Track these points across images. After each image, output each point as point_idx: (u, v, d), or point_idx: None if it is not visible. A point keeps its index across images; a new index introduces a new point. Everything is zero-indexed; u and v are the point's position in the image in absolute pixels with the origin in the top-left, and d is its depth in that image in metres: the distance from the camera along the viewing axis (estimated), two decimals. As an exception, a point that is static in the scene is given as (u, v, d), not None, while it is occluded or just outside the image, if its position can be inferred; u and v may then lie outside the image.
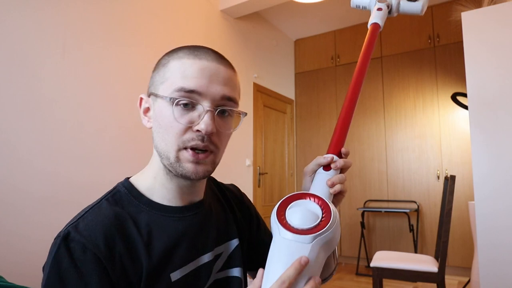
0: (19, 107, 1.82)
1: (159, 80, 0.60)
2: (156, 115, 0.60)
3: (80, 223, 0.55)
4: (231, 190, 0.80)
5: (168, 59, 0.60)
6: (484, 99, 1.92)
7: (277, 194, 4.09)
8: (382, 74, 4.01)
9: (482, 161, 1.88)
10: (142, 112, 0.64)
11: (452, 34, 3.62)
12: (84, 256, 0.51)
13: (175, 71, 0.58)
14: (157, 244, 0.58)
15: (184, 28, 2.92)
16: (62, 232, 0.54)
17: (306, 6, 3.72)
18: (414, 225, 3.63)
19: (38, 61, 1.91)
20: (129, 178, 0.65)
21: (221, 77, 0.59)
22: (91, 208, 0.58)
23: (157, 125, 0.60)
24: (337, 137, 0.65)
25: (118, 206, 0.59)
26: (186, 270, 0.60)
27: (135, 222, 0.58)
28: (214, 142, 0.59)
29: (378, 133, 3.96)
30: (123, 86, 2.35)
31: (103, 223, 0.55)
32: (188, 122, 0.57)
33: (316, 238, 0.48)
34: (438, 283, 2.10)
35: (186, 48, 0.61)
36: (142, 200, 0.61)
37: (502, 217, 1.80)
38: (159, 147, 0.60)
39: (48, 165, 1.91)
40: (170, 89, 0.57)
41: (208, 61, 0.58)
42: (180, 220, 0.62)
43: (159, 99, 0.59)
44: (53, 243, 0.54)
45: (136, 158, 2.37)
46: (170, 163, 0.58)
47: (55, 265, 0.51)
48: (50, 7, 1.98)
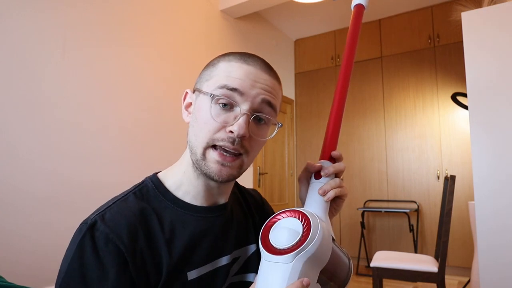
0: (19, 107, 1.82)
1: (205, 78, 0.61)
2: (196, 110, 0.61)
3: (107, 213, 0.56)
4: (252, 195, 0.81)
5: (218, 59, 0.62)
6: (484, 99, 1.92)
7: (277, 194, 4.09)
8: (382, 74, 4.01)
9: (482, 161, 1.88)
10: (184, 107, 0.65)
11: (452, 34, 3.62)
12: (107, 247, 0.52)
13: (222, 70, 0.59)
14: (178, 242, 0.58)
15: (184, 28, 2.92)
16: (90, 220, 0.55)
17: (306, 6, 3.72)
18: (414, 225, 3.63)
19: (38, 61, 1.91)
20: (157, 173, 0.66)
21: (265, 84, 0.60)
22: (118, 199, 0.59)
23: (193, 120, 0.61)
24: (328, 140, 0.64)
25: (144, 201, 0.60)
26: (203, 270, 0.60)
27: (159, 218, 0.59)
28: (245, 147, 0.58)
29: (378, 133, 3.96)
30: (123, 86, 2.35)
31: (128, 216, 0.56)
32: (223, 121, 0.57)
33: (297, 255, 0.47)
34: (438, 283, 2.10)
35: (238, 53, 0.62)
36: (168, 196, 0.62)
37: (502, 217, 1.80)
38: (190, 142, 0.61)
39: (48, 165, 1.91)
40: (214, 86, 0.58)
41: (255, 68, 0.59)
42: (203, 220, 0.62)
43: (201, 95, 0.60)
44: (79, 229, 0.55)
45: (136, 158, 2.38)
46: (196, 159, 0.59)
47: (79, 252, 0.52)
48: (50, 7, 1.98)
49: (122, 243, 0.53)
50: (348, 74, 0.68)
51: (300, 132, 4.49)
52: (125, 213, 0.56)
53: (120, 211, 0.56)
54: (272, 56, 4.19)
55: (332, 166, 0.60)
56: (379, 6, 3.84)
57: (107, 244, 0.52)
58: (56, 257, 1.95)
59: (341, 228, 4.07)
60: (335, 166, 0.60)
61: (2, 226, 1.69)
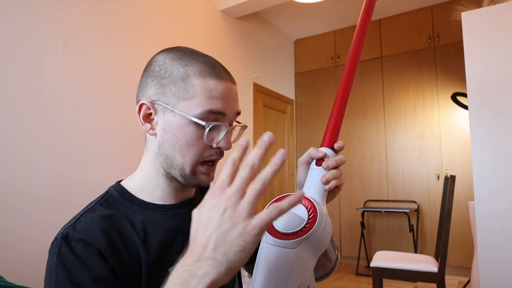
0: (19, 107, 1.82)
1: (179, 96, 0.59)
2: (172, 128, 0.60)
3: (77, 225, 0.56)
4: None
5: (185, 72, 0.59)
6: (484, 99, 1.92)
7: (277, 194, 4.06)
8: (382, 74, 4.01)
9: (482, 161, 1.88)
10: (141, 118, 0.64)
11: (452, 34, 3.62)
12: (87, 250, 0.52)
13: (200, 91, 0.58)
14: (154, 240, 0.59)
15: (184, 28, 2.92)
16: (60, 234, 0.55)
17: (306, 6, 3.72)
18: (414, 225, 3.63)
19: (38, 61, 1.91)
20: (120, 182, 0.67)
21: (236, 98, 0.63)
22: (85, 211, 0.60)
23: (171, 138, 0.60)
24: (331, 128, 0.65)
25: (111, 209, 0.60)
26: None
27: (130, 221, 0.59)
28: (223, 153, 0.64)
29: (378, 133, 3.96)
30: (123, 86, 2.35)
31: (99, 223, 0.56)
32: (210, 140, 0.60)
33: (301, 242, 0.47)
34: (438, 283, 2.10)
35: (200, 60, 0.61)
36: (135, 201, 0.63)
37: (502, 217, 1.80)
38: (172, 158, 0.61)
39: (48, 165, 1.91)
40: (197, 109, 0.58)
41: (227, 82, 0.61)
42: (174, 217, 0.64)
43: (178, 115, 0.59)
44: (52, 246, 0.55)
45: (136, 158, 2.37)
46: (184, 174, 0.61)
47: (60, 264, 0.52)
48: (50, 7, 1.98)
49: (100, 245, 0.53)
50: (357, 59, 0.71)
51: (300, 132, 4.49)
52: (95, 221, 0.57)
53: (90, 220, 0.57)
54: (272, 56, 4.19)
55: (334, 159, 0.61)
56: (379, 6, 3.84)
57: (87, 247, 0.52)
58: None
59: (341, 228, 4.07)
60: (337, 159, 0.61)
61: (2, 226, 1.69)
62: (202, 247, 0.41)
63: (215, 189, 0.43)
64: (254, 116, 3.74)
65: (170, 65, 0.61)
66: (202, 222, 0.42)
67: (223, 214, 0.40)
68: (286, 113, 4.40)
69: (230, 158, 0.43)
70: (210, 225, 0.41)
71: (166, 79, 0.60)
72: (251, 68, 3.77)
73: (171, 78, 0.60)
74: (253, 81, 3.79)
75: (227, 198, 0.41)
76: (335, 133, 0.65)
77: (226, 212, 0.40)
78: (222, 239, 0.40)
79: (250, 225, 0.39)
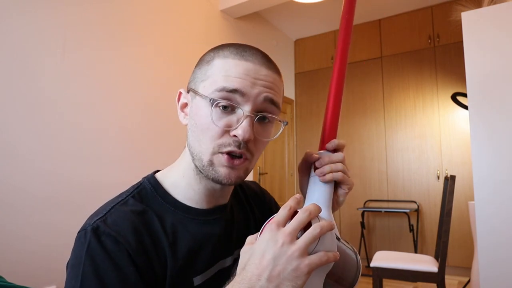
0: (19, 108, 1.82)
1: (200, 77, 0.57)
2: (193, 113, 0.57)
3: (108, 217, 0.53)
4: (252, 189, 0.78)
5: (212, 55, 0.57)
6: (484, 99, 1.91)
7: (277, 194, 4.09)
8: (382, 74, 4.01)
9: (482, 161, 1.88)
10: (179, 108, 0.62)
11: (452, 34, 3.62)
12: (118, 247, 0.50)
13: (218, 69, 0.55)
14: (182, 245, 0.57)
15: (184, 28, 2.92)
16: (90, 226, 0.52)
17: (306, 6, 3.71)
18: (414, 225, 3.63)
19: (38, 61, 1.91)
20: (155, 173, 0.64)
21: (266, 80, 0.56)
22: (117, 203, 0.57)
23: (193, 124, 0.57)
24: (327, 128, 0.61)
25: (143, 204, 0.57)
26: (208, 274, 0.59)
27: (161, 221, 0.57)
28: (250, 149, 0.56)
29: (378, 133, 3.96)
30: (123, 86, 2.35)
31: (130, 219, 0.54)
32: (226, 125, 0.54)
33: None
34: (438, 283, 2.10)
35: (233, 46, 0.58)
36: (168, 199, 0.60)
37: (502, 217, 1.80)
38: (192, 147, 0.58)
39: (48, 165, 1.91)
40: (211, 88, 0.54)
41: (254, 64, 0.55)
42: (205, 224, 0.61)
43: (198, 97, 0.56)
44: (81, 237, 0.52)
45: (137, 158, 2.38)
46: (202, 165, 0.56)
47: (89, 259, 0.49)
48: (50, 7, 1.98)
49: (129, 245, 0.51)
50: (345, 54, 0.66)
51: (300, 132, 4.49)
52: (127, 216, 0.54)
53: (121, 215, 0.54)
54: (272, 56, 4.11)
55: (327, 156, 0.58)
56: (379, 6, 3.84)
57: (118, 245, 0.50)
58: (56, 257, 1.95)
59: (341, 228, 4.06)
60: (331, 155, 0.58)
61: (2, 226, 1.69)
62: (256, 276, 0.42)
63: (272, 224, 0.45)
64: (254, 116, 3.74)
65: (206, 54, 0.60)
66: (257, 251, 0.44)
67: (280, 248, 0.42)
68: (286, 113, 4.40)
69: (287, 204, 0.47)
70: (266, 256, 0.43)
71: (197, 67, 0.60)
72: (251, 68, 3.77)
73: (200, 64, 0.59)
74: (253, 81, 3.78)
75: (285, 235, 0.43)
76: (332, 133, 0.61)
77: (283, 247, 0.43)
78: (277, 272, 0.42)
79: (303, 264, 0.42)
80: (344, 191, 0.60)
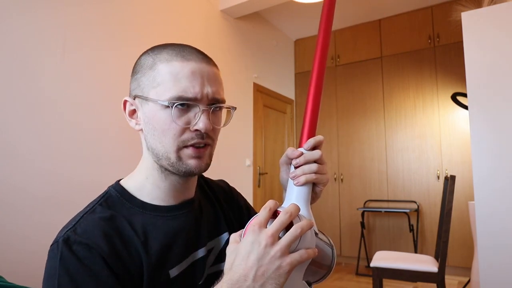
0: (19, 107, 1.82)
1: (149, 84, 0.59)
2: (148, 118, 0.60)
3: (77, 227, 0.56)
4: (219, 186, 0.82)
5: (153, 61, 0.60)
6: (484, 99, 1.92)
7: (277, 194, 4.08)
8: (382, 74, 4.01)
9: (482, 161, 1.88)
10: (127, 115, 0.64)
11: (452, 34, 3.62)
12: (90, 254, 0.52)
13: (166, 74, 0.58)
14: (154, 242, 0.59)
15: (184, 28, 2.92)
16: (61, 237, 0.54)
17: (306, 6, 3.71)
18: (414, 225, 3.63)
19: (38, 61, 1.91)
20: (119, 181, 0.67)
21: (210, 75, 0.60)
22: (85, 213, 0.59)
23: (150, 128, 0.60)
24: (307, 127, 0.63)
25: (111, 210, 0.60)
26: (183, 266, 0.62)
27: (130, 223, 0.59)
28: (211, 137, 0.62)
29: (378, 133, 3.96)
30: (123, 86, 2.35)
31: (100, 225, 0.56)
32: (186, 123, 0.58)
33: None
34: (438, 283, 2.10)
35: (170, 47, 0.61)
36: (135, 202, 0.62)
37: (502, 217, 1.80)
38: (155, 149, 0.61)
39: (48, 165, 1.91)
40: (166, 95, 0.57)
41: (196, 63, 0.59)
42: (174, 219, 0.63)
43: (151, 103, 0.59)
44: (53, 249, 0.54)
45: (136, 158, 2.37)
46: (171, 163, 0.59)
47: (63, 269, 0.51)
48: (50, 7, 1.98)
49: (102, 250, 0.53)
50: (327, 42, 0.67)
51: (300, 132, 4.49)
52: (96, 223, 0.56)
53: (90, 223, 0.56)
54: (272, 56, 4.19)
55: (303, 156, 0.59)
56: (379, 6, 3.84)
57: (89, 251, 0.52)
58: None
59: (341, 228, 4.06)
60: (306, 155, 0.59)
61: (2, 226, 1.69)
62: (243, 276, 0.46)
63: (255, 226, 0.48)
64: (254, 116, 3.74)
65: (143, 58, 0.63)
66: (242, 253, 0.47)
67: (264, 250, 0.46)
68: (286, 113, 4.40)
69: (266, 205, 0.50)
70: (251, 257, 0.46)
71: (139, 73, 0.62)
72: (251, 68, 3.77)
73: (143, 70, 0.61)
74: (253, 81, 3.79)
75: (268, 236, 0.47)
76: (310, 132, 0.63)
77: (266, 248, 0.46)
78: (261, 272, 0.46)
79: (284, 262, 0.46)
80: (319, 188, 0.61)
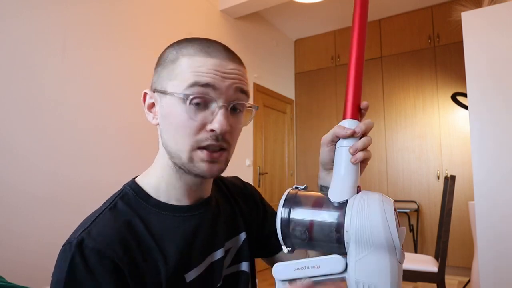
0: (19, 107, 1.82)
1: (168, 77, 0.57)
2: (165, 113, 0.58)
3: (92, 228, 0.53)
4: (233, 183, 0.79)
5: (176, 54, 0.58)
6: (484, 99, 1.91)
7: (277, 194, 4.08)
8: (382, 74, 4.01)
9: (482, 161, 1.88)
10: (146, 108, 0.62)
11: (452, 34, 3.61)
12: (101, 263, 0.50)
13: (186, 68, 0.55)
14: (171, 246, 0.57)
15: (184, 28, 2.92)
16: (75, 239, 0.52)
17: (306, 6, 3.71)
18: (414, 225, 3.63)
19: (38, 61, 1.91)
20: (135, 178, 0.64)
21: (234, 73, 0.57)
22: (101, 213, 0.57)
23: (166, 123, 0.58)
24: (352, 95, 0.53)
25: (128, 210, 0.58)
26: (200, 269, 0.60)
27: (147, 225, 0.57)
28: (227, 140, 0.57)
29: (378, 133, 3.96)
30: (123, 86, 2.35)
31: (116, 228, 0.54)
32: (201, 121, 0.55)
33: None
34: (438, 283, 2.10)
35: (196, 43, 0.58)
36: (150, 201, 0.60)
37: (502, 217, 1.80)
38: (169, 146, 0.58)
39: (48, 165, 1.91)
40: (182, 85, 0.54)
41: (220, 59, 0.56)
42: (191, 219, 0.61)
43: (168, 96, 0.56)
44: (65, 250, 0.52)
45: (136, 158, 2.37)
46: (182, 162, 0.57)
47: (70, 273, 0.49)
48: (50, 7, 1.98)
49: (117, 256, 0.51)
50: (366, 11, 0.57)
51: (300, 132, 4.49)
52: (112, 225, 0.54)
53: (106, 224, 0.54)
54: (272, 56, 4.19)
55: (363, 123, 0.51)
56: (379, 6, 3.84)
57: (100, 261, 0.50)
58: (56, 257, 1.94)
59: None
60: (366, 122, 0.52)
61: (2, 226, 1.69)
62: None
63: None
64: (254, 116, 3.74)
65: (167, 51, 0.61)
66: None
67: None
68: (286, 113, 4.40)
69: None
70: None
71: (161, 66, 0.60)
72: (251, 68, 3.77)
73: (165, 63, 0.59)
74: (253, 81, 3.79)
75: None
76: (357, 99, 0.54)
77: None
78: None
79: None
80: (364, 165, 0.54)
